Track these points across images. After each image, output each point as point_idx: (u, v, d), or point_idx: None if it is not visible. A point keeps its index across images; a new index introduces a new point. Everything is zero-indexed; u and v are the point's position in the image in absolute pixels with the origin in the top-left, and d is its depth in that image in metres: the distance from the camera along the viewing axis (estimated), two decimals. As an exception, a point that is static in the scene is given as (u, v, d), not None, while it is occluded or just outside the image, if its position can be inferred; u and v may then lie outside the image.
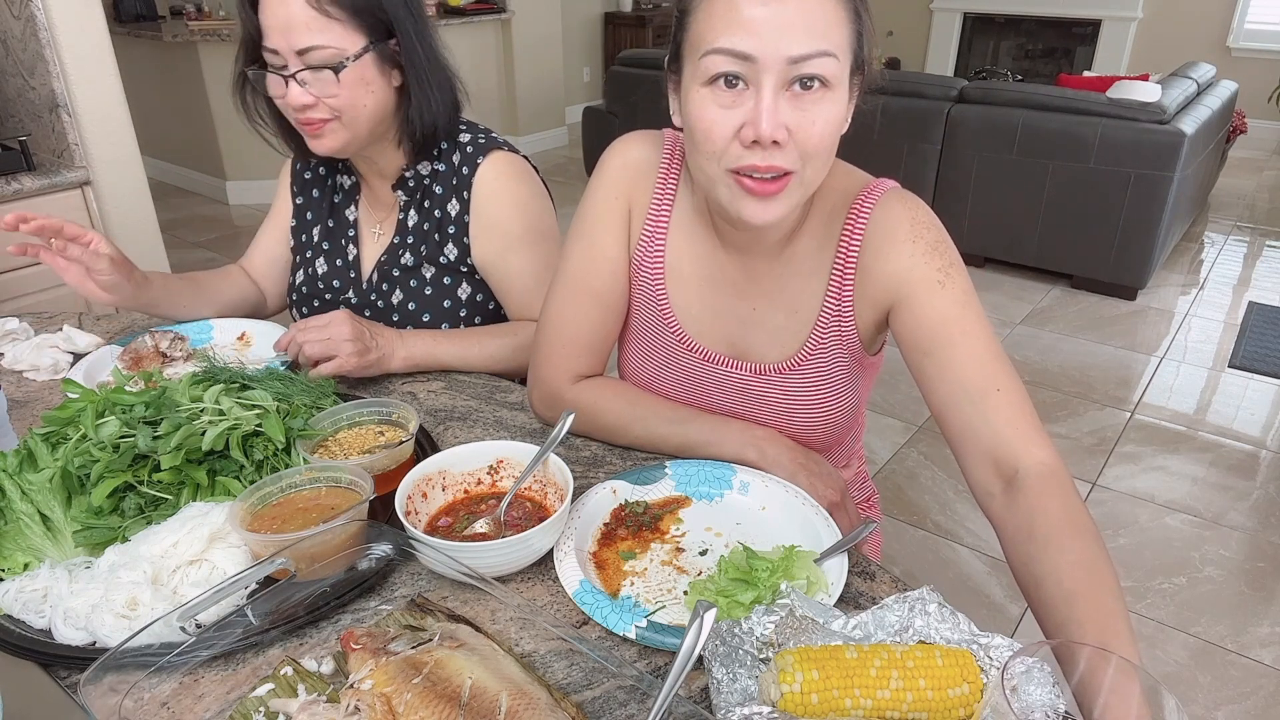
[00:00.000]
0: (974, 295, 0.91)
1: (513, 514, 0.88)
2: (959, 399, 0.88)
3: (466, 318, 1.35)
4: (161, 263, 2.48)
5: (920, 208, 0.95)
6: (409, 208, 1.32)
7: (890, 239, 0.92)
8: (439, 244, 1.31)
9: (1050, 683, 0.60)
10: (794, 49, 0.78)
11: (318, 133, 1.17)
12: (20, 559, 0.81)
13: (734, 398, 1.05)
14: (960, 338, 0.89)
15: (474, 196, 1.28)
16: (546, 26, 6.09)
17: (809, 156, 0.83)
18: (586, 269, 1.05)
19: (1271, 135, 6.65)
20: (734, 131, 0.81)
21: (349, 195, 1.38)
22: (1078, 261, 3.85)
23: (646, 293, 1.06)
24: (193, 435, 0.86)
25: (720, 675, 0.67)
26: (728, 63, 0.79)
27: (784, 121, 0.80)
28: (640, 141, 1.05)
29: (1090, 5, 6.91)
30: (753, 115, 0.79)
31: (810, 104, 0.80)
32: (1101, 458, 2.68)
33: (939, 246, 0.92)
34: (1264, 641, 1.97)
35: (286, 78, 1.12)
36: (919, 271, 0.91)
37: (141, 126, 2.50)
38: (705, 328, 1.04)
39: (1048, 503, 0.80)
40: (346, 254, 1.37)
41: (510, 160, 1.30)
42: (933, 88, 3.99)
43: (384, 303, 1.33)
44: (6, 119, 2.33)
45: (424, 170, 1.30)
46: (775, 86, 0.79)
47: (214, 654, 0.71)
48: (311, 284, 1.39)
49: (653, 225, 1.04)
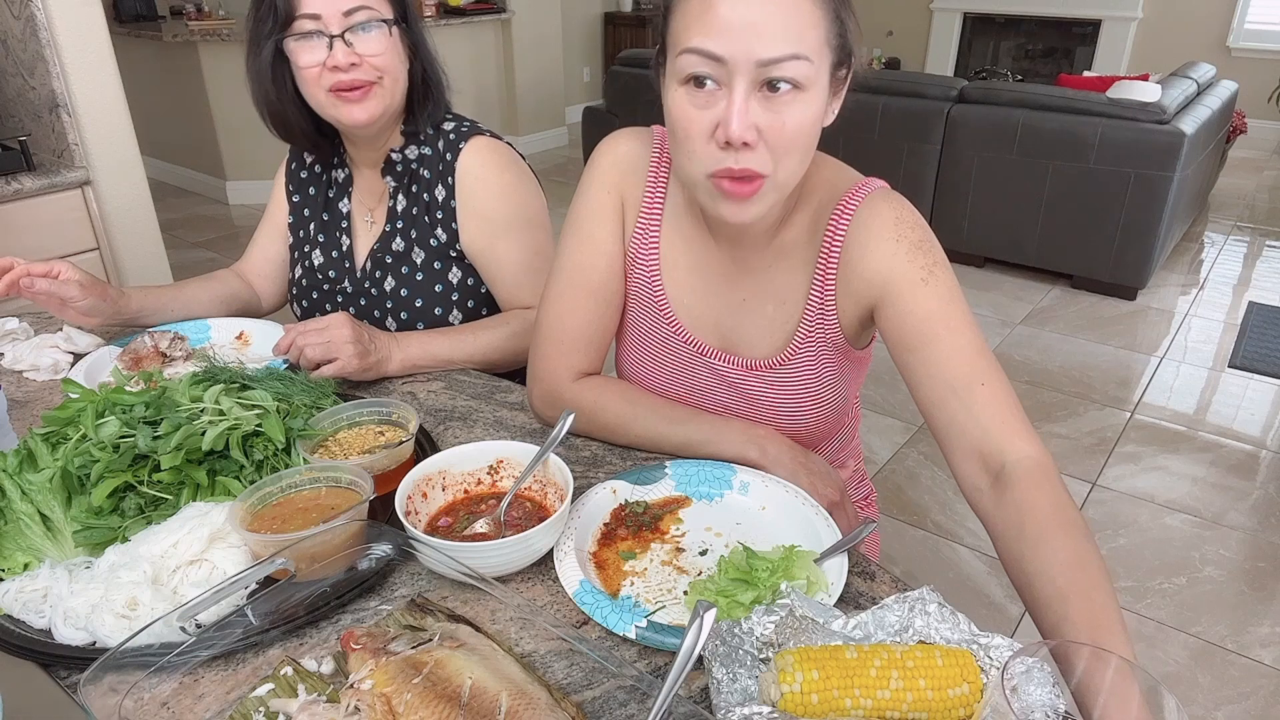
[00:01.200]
0: (959, 293, 0.92)
1: (513, 514, 0.88)
2: (944, 394, 0.88)
3: (458, 302, 1.35)
4: (161, 263, 2.48)
5: (905, 207, 0.95)
6: (398, 193, 1.34)
7: (874, 237, 0.93)
8: (429, 227, 1.32)
9: (1050, 683, 0.60)
10: (765, 52, 0.78)
11: (360, 98, 1.19)
12: (20, 559, 0.81)
13: (725, 391, 1.06)
14: (945, 333, 0.89)
15: (458, 183, 1.29)
16: (546, 26, 6.09)
17: (780, 156, 0.83)
18: (582, 265, 1.05)
19: (1271, 135, 6.65)
20: (709, 131, 0.82)
21: (342, 189, 1.40)
22: (1078, 261, 3.85)
23: (643, 285, 1.06)
24: (193, 435, 0.86)
25: (720, 675, 0.67)
26: (699, 63, 0.80)
27: (754, 122, 0.80)
28: (629, 137, 1.06)
29: (1090, 5, 6.91)
30: (724, 116, 0.80)
31: (781, 105, 0.81)
32: (1101, 458, 2.68)
33: (923, 245, 0.92)
34: (1264, 641, 1.97)
35: (331, 38, 1.15)
36: (901, 270, 0.91)
37: (141, 126, 2.50)
38: (698, 320, 1.05)
39: (1036, 498, 0.80)
40: (340, 245, 1.38)
41: (492, 146, 1.31)
42: (933, 88, 3.99)
43: (377, 290, 1.34)
44: (6, 119, 2.33)
45: (411, 155, 1.32)
46: (746, 88, 0.79)
47: (214, 654, 0.71)
48: (310, 275, 1.40)
49: (646, 218, 1.04)
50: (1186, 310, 3.74)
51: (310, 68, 1.18)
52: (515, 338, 1.30)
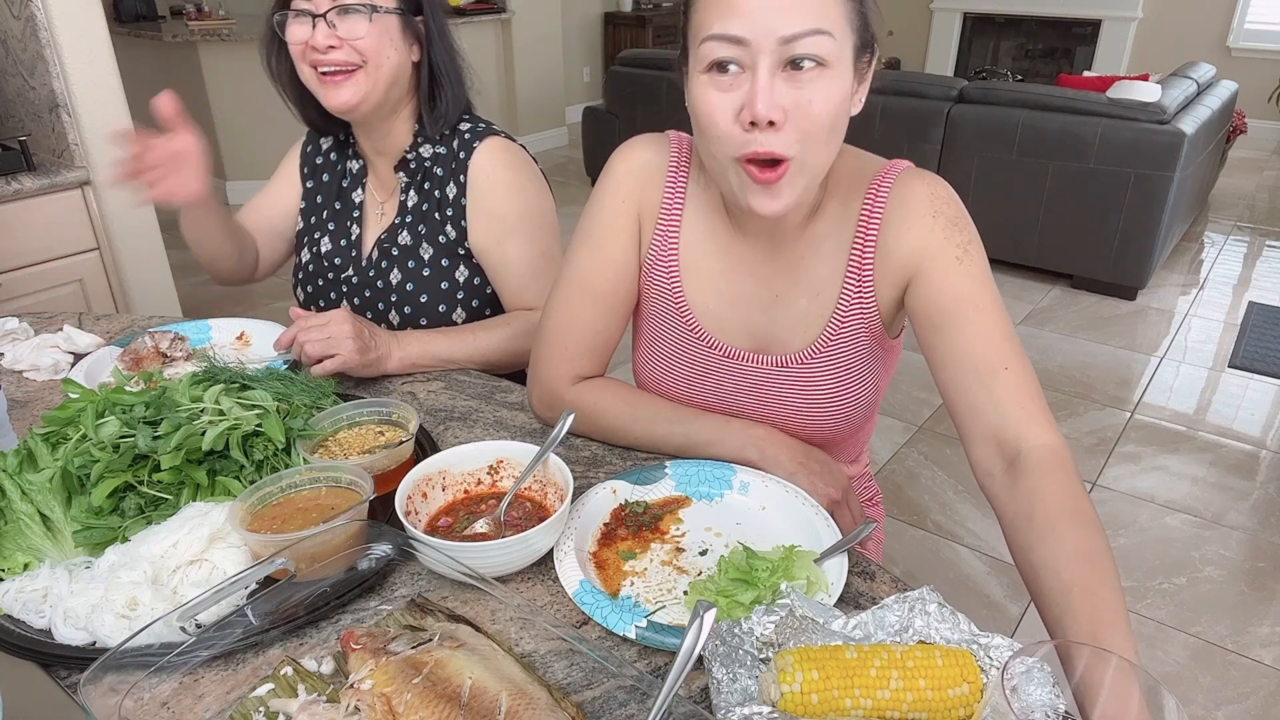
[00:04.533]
0: (989, 274, 0.92)
1: (513, 514, 0.88)
2: (967, 376, 0.88)
3: (464, 300, 1.36)
4: (161, 263, 2.48)
5: (939, 184, 0.95)
6: (409, 189, 1.35)
7: (911, 214, 0.93)
8: (439, 223, 1.33)
9: (1050, 683, 0.60)
10: (785, 28, 0.78)
11: (341, 81, 1.21)
12: (20, 559, 0.81)
13: (753, 393, 1.05)
14: (973, 314, 0.89)
15: (470, 181, 1.30)
16: (546, 26, 6.09)
17: (807, 138, 0.83)
18: (591, 271, 1.05)
19: (1271, 135, 6.65)
20: (734, 114, 0.82)
21: (357, 179, 1.41)
22: (1078, 261, 3.85)
23: (663, 294, 1.06)
24: (193, 435, 0.86)
25: (720, 675, 0.67)
26: (722, 48, 0.80)
27: (780, 102, 0.80)
28: (646, 145, 1.05)
29: (1090, 5, 6.91)
30: (749, 97, 0.80)
31: (806, 83, 0.81)
32: (1101, 458, 2.68)
33: (958, 222, 0.93)
34: (1264, 641, 1.97)
35: (315, 18, 1.17)
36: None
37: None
38: (725, 323, 1.04)
39: (1048, 488, 0.80)
40: (350, 233, 1.40)
41: (506, 147, 1.33)
42: (933, 88, 3.99)
43: (383, 282, 1.35)
44: (6, 119, 2.33)
45: (425, 153, 1.33)
46: (770, 67, 0.80)
47: (214, 654, 0.71)
48: (316, 261, 1.42)
49: (665, 227, 1.04)
50: (1186, 310, 3.74)
51: (295, 44, 1.21)
52: (516, 339, 1.30)
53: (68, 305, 2.18)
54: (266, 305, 3.71)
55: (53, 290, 2.16)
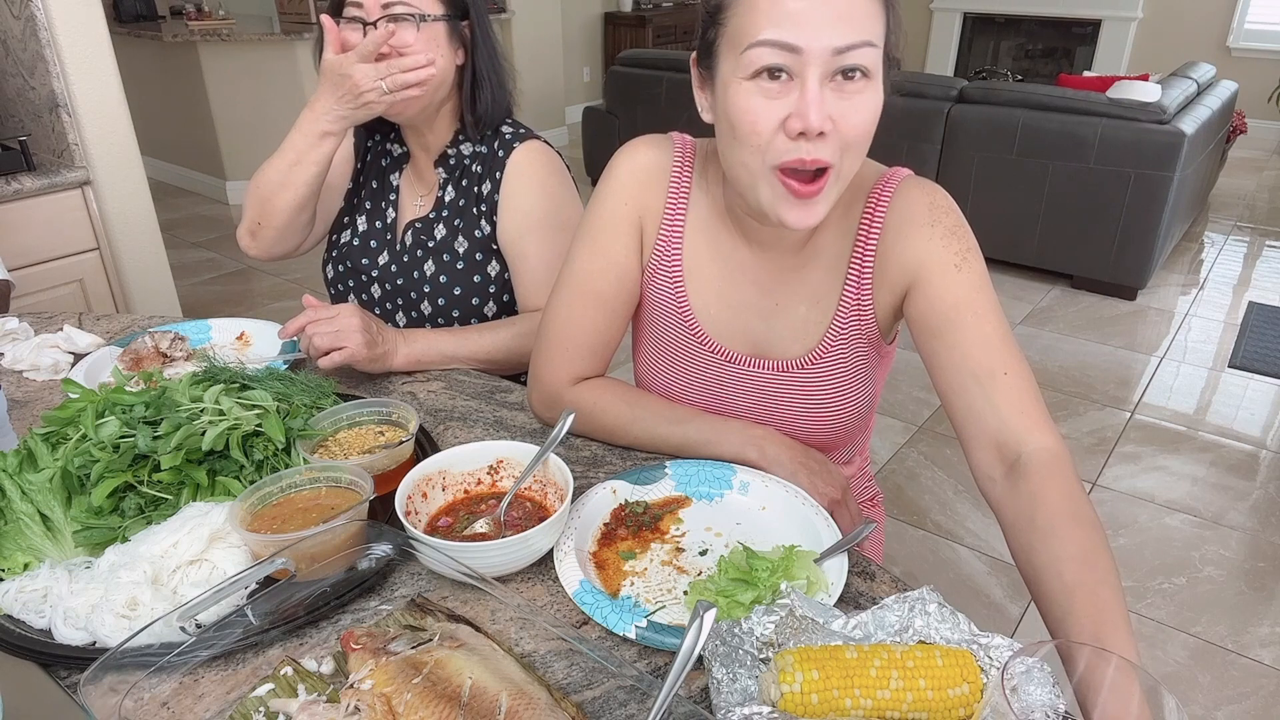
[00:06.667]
0: (988, 281, 0.92)
1: (513, 514, 0.88)
2: (965, 380, 0.88)
3: (495, 295, 1.39)
4: (161, 263, 2.48)
5: (938, 192, 0.96)
6: (447, 185, 1.38)
7: (910, 224, 0.93)
8: (474, 219, 1.36)
9: (1050, 683, 0.60)
10: (838, 40, 0.78)
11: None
12: (20, 559, 0.81)
13: (753, 396, 1.05)
14: (972, 320, 0.89)
15: (505, 178, 1.34)
16: (546, 26, 6.09)
17: (848, 147, 0.84)
18: (591, 272, 1.05)
19: (1271, 135, 6.65)
20: (779, 123, 0.82)
21: (396, 162, 1.44)
22: (1078, 261, 3.85)
23: (665, 296, 1.06)
24: (193, 435, 0.86)
25: (720, 675, 0.67)
26: (773, 55, 0.80)
27: (829, 112, 0.80)
28: (649, 146, 1.05)
29: (1090, 5, 6.91)
30: (799, 106, 0.80)
31: (853, 94, 0.81)
32: (1101, 458, 2.68)
33: (957, 231, 0.93)
34: (1264, 641, 1.97)
35: (366, 24, 1.21)
36: (937, 255, 0.92)
37: (141, 126, 2.50)
38: (725, 327, 1.04)
39: (1048, 490, 0.80)
40: (385, 216, 1.42)
41: (543, 150, 1.37)
42: (933, 88, 3.99)
43: (417, 273, 1.37)
44: (6, 119, 2.33)
45: (465, 150, 1.37)
46: (820, 77, 0.80)
47: (214, 654, 0.71)
48: (351, 241, 1.44)
49: (668, 229, 1.03)
50: (1186, 310, 3.74)
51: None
52: (521, 338, 1.31)
53: (68, 305, 2.18)
54: (266, 305, 3.72)
55: (53, 290, 2.16)
